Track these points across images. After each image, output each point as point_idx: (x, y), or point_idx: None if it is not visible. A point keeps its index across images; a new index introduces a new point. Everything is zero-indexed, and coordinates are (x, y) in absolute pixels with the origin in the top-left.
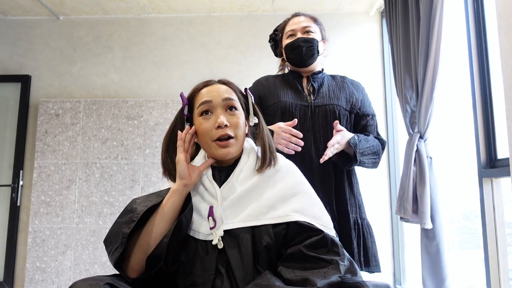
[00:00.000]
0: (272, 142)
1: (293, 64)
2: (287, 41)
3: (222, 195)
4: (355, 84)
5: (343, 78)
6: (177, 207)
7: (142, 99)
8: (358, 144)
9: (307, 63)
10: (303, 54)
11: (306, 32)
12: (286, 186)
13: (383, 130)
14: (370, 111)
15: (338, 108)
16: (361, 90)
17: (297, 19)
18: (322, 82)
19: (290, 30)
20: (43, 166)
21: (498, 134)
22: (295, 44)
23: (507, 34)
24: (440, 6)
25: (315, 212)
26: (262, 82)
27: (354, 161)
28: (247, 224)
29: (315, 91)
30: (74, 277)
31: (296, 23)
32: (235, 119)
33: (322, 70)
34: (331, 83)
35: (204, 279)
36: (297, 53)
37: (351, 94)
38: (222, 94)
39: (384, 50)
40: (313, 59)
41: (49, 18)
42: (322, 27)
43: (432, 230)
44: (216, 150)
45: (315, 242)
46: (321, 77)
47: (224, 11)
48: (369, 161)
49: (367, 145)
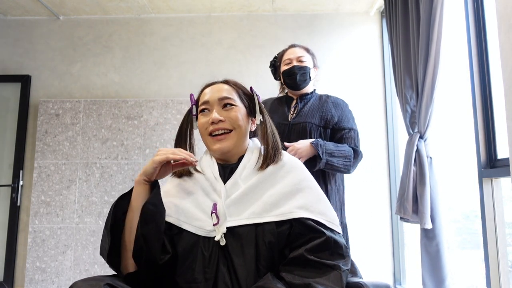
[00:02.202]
0: (278, 139)
1: (289, 88)
2: (284, 68)
3: (226, 192)
4: (335, 103)
5: (327, 97)
6: (143, 197)
7: (142, 99)
8: (322, 145)
9: (300, 86)
10: (297, 80)
11: (299, 61)
12: (290, 182)
13: (383, 130)
14: (348, 126)
15: (309, 125)
16: (340, 107)
17: (293, 49)
18: (307, 103)
19: (287, 59)
20: (43, 166)
21: (498, 134)
22: (291, 71)
23: (507, 34)
24: (440, 6)
25: (320, 208)
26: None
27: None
28: (251, 221)
29: (298, 111)
30: (74, 277)
31: (292, 53)
32: (231, 113)
33: (314, 91)
34: (315, 102)
35: (205, 276)
36: (292, 78)
37: (327, 112)
38: (219, 93)
39: (384, 50)
40: (305, 83)
41: (49, 18)
42: (314, 56)
43: (432, 230)
44: (211, 144)
45: (318, 245)
46: (309, 97)
47: (224, 11)
48: (339, 163)
49: (336, 148)
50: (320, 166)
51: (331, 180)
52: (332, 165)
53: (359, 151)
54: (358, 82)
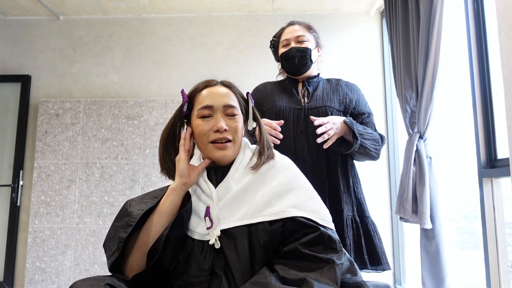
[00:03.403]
0: (270, 143)
1: (288, 73)
2: (282, 50)
3: (218, 195)
4: (349, 86)
5: (338, 81)
6: (176, 206)
7: (142, 99)
8: (355, 123)
9: (300, 72)
10: (296, 64)
11: (299, 41)
12: (282, 181)
13: (383, 130)
14: (366, 110)
15: (330, 109)
16: (356, 90)
17: (292, 28)
18: (317, 86)
19: (284, 39)
20: (43, 166)
21: (498, 134)
22: (289, 54)
23: (507, 34)
24: (440, 6)
25: (312, 206)
26: (260, 88)
27: (355, 140)
28: (244, 222)
29: (309, 95)
30: (74, 277)
31: (291, 32)
32: (234, 124)
33: (318, 74)
34: (326, 86)
35: (200, 279)
36: (290, 62)
37: (344, 95)
38: (223, 100)
39: (384, 50)
40: (306, 68)
41: (49, 18)
42: (316, 34)
43: (431, 230)
44: (212, 152)
45: (312, 239)
46: (316, 81)
47: (224, 11)
48: (371, 146)
49: (365, 131)
50: (355, 147)
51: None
52: (365, 148)
53: (383, 135)
54: (358, 82)
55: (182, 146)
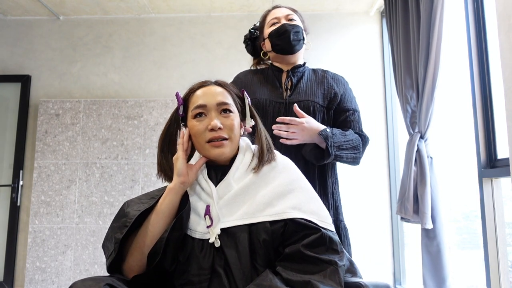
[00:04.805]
0: (270, 141)
1: (280, 51)
2: (271, 28)
3: (218, 194)
4: (336, 78)
5: (324, 72)
6: (175, 205)
7: (142, 99)
8: (330, 136)
9: (295, 48)
10: (291, 39)
11: (289, 20)
12: (283, 182)
13: (383, 130)
14: (351, 106)
15: (313, 104)
16: (342, 84)
17: (279, 9)
18: (301, 77)
19: (273, 18)
20: (43, 166)
21: (498, 134)
22: (282, 29)
23: (507, 34)
24: (440, 6)
25: (312, 207)
26: (241, 77)
27: (327, 155)
28: (244, 221)
29: (293, 87)
30: (74, 277)
31: (279, 12)
32: (229, 121)
33: (304, 63)
34: (311, 78)
35: (200, 278)
36: (284, 38)
37: (329, 88)
38: (216, 98)
39: (384, 50)
40: (300, 45)
41: (49, 18)
42: (302, 18)
43: (432, 230)
44: (209, 151)
45: (313, 241)
46: (302, 71)
47: (224, 11)
48: (349, 156)
49: (344, 139)
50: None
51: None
52: (341, 159)
53: (366, 137)
54: (358, 82)
55: (180, 145)
